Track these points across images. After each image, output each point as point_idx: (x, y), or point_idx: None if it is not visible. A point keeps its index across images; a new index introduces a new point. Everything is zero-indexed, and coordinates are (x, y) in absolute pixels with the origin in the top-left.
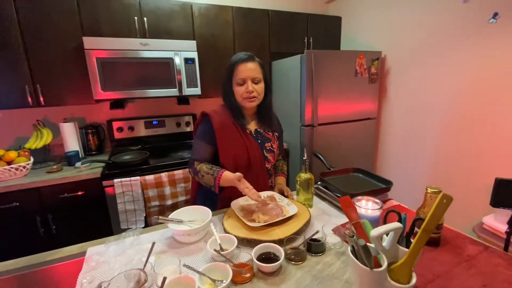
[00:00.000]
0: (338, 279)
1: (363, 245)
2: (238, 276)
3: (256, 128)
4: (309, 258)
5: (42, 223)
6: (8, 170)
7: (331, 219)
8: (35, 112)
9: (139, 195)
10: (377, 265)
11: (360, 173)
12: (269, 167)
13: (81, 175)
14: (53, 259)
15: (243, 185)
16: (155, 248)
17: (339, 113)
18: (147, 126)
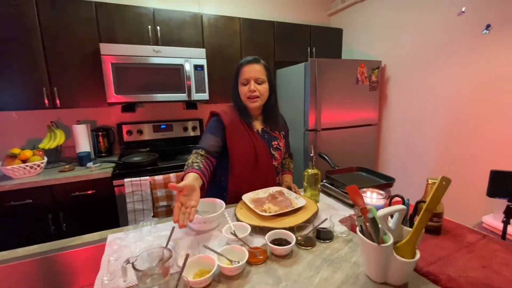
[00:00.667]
0: (347, 261)
1: (371, 217)
2: (253, 257)
3: (262, 127)
4: (318, 244)
5: (53, 220)
6: (23, 168)
7: (338, 212)
8: (49, 113)
9: (148, 195)
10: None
11: (364, 172)
12: (276, 165)
13: (92, 174)
14: (74, 244)
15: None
16: (173, 235)
17: (342, 119)
18: (156, 129)
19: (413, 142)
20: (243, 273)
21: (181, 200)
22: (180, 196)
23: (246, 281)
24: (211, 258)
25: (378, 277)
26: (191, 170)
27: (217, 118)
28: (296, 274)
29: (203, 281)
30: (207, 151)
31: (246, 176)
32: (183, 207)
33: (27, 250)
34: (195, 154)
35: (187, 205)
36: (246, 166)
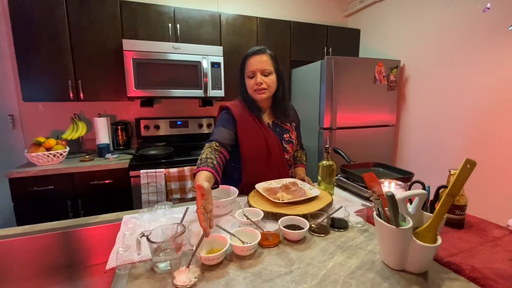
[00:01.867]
0: (362, 249)
1: (390, 195)
2: (265, 240)
3: (273, 120)
4: (332, 232)
5: (72, 207)
6: (47, 155)
7: (353, 205)
8: (72, 106)
9: (163, 187)
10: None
11: (381, 167)
12: (289, 158)
13: (110, 164)
14: (92, 222)
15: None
16: (185, 219)
17: (358, 118)
18: (172, 125)
19: (433, 145)
20: (255, 254)
21: (203, 205)
22: (201, 201)
23: (258, 261)
24: (223, 237)
25: (396, 264)
26: (205, 168)
27: (228, 111)
28: (309, 257)
29: (215, 257)
30: (221, 143)
31: (258, 170)
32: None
33: (48, 225)
34: (208, 148)
35: (207, 210)
36: (258, 160)
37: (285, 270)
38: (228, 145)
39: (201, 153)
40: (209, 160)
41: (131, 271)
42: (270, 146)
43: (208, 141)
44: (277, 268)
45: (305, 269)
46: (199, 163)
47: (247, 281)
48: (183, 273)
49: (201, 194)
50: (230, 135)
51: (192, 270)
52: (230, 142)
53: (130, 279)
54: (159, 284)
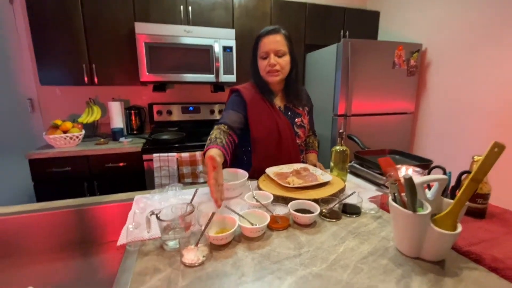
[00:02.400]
0: (375, 235)
1: (408, 178)
2: (274, 223)
3: (285, 104)
4: (344, 218)
5: (88, 188)
6: (64, 138)
7: (366, 191)
8: (88, 90)
9: (175, 171)
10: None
11: (397, 154)
12: (300, 143)
13: (124, 148)
14: (105, 200)
15: (211, 174)
16: (195, 200)
17: (374, 105)
18: (184, 111)
19: (453, 133)
20: (263, 236)
21: (214, 177)
22: (213, 173)
23: (267, 243)
24: (232, 218)
25: (411, 251)
26: (215, 146)
27: (238, 94)
28: (319, 242)
29: (223, 237)
30: (230, 126)
31: (268, 155)
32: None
33: (64, 202)
34: (217, 129)
35: (219, 182)
36: (268, 144)
37: (294, 253)
38: (237, 128)
39: (210, 133)
40: (218, 140)
41: (141, 248)
42: (281, 130)
43: (217, 123)
44: (285, 251)
45: (315, 252)
46: (208, 143)
47: (255, 261)
48: (192, 251)
49: (213, 166)
50: (239, 118)
51: (200, 249)
52: (240, 125)
53: (140, 255)
54: (167, 262)
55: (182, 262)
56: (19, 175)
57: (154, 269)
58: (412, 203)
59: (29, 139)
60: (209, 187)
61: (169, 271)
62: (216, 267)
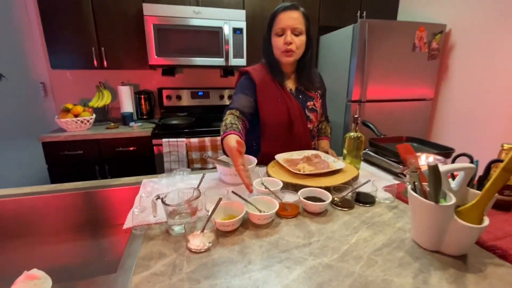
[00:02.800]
0: (390, 226)
1: (434, 165)
2: (283, 210)
3: (296, 87)
4: (357, 207)
5: (100, 172)
6: (75, 122)
7: (381, 180)
8: (97, 74)
9: (184, 156)
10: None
11: (415, 142)
12: (312, 128)
13: (134, 132)
14: (113, 184)
15: (239, 160)
16: (203, 185)
17: (391, 91)
18: (193, 96)
19: (477, 122)
20: (272, 224)
21: (242, 162)
22: (240, 158)
23: (275, 231)
24: (240, 204)
25: (430, 244)
26: (233, 132)
27: (247, 76)
28: (330, 231)
29: (230, 223)
30: (241, 111)
31: (278, 140)
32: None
33: (73, 184)
34: (231, 114)
35: (246, 168)
36: (278, 129)
37: (303, 242)
38: (248, 113)
39: (224, 119)
40: (234, 126)
41: (146, 232)
42: (292, 113)
43: (229, 108)
44: (295, 239)
45: (326, 242)
46: (224, 128)
47: (263, 249)
48: (197, 237)
49: (239, 151)
50: (250, 103)
51: (206, 235)
52: (250, 110)
53: (145, 239)
54: (173, 246)
55: (188, 248)
56: (34, 158)
57: (159, 254)
58: (435, 193)
59: (42, 123)
60: (237, 173)
61: (174, 257)
62: (222, 254)
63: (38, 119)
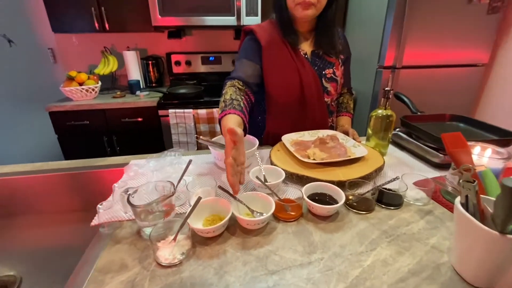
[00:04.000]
0: (421, 242)
1: (508, 185)
2: (281, 211)
3: (313, 50)
4: (378, 210)
5: (108, 143)
6: (80, 90)
7: (413, 172)
8: (103, 38)
9: (192, 129)
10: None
11: (461, 122)
12: (329, 102)
13: (139, 102)
14: (100, 165)
15: (229, 152)
16: (194, 170)
17: (434, 55)
18: (204, 62)
19: None
20: (265, 229)
21: (233, 155)
22: (232, 150)
23: (268, 240)
24: (227, 203)
25: (480, 280)
26: (233, 111)
27: (252, 37)
28: (339, 244)
29: (210, 230)
30: (245, 82)
31: (287, 116)
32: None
33: (57, 164)
34: (231, 87)
35: (239, 162)
36: (287, 103)
37: (301, 260)
38: (254, 84)
39: (223, 93)
40: (235, 102)
41: (115, 232)
42: (305, 83)
43: (230, 78)
44: (290, 255)
45: (331, 262)
46: (222, 105)
47: (247, 269)
48: (168, 246)
49: (233, 141)
50: (255, 71)
51: (179, 243)
52: (256, 79)
53: (111, 242)
54: (139, 255)
55: (155, 258)
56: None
57: (121, 265)
58: (504, 220)
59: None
60: (226, 167)
61: (136, 270)
62: (195, 271)
63: (47, 87)
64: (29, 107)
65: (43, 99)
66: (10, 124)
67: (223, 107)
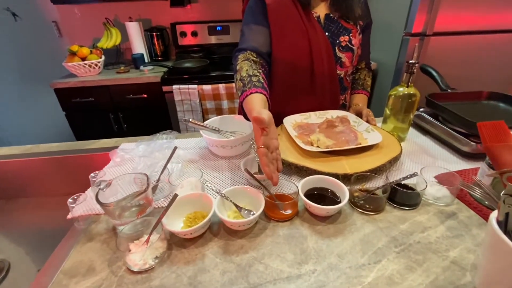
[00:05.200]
0: (438, 254)
1: None
2: (274, 210)
3: (328, 13)
4: (388, 210)
5: (114, 120)
6: (83, 66)
7: (435, 163)
8: (105, 8)
9: (197, 106)
10: None
11: (500, 101)
12: (343, 75)
13: (143, 77)
14: (89, 148)
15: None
16: (185, 155)
17: (471, 18)
18: (211, 32)
19: None
20: (253, 230)
21: (264, 142)
22: (262, 137)
23: (254, 244)
24: (210, 199)
25: None
26: (254, 90)
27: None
28: (337, 254)
29: (187, 232)
30: (259, 53)
31: (292, 90)
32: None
33: (46, 147)
34: (245, 61)
35: (272, 148)
36: (293, 72)
37: (289, 272)
38: (268, 54)
39: (237, 69)
40: (254, 79)
41: (89, 228)
42: (315, 50)
43: (241, 50)
44: (278, 264)
45: (324, 276)
46: (240, 85)
47: (225, 279)
48: (139, 250)
49: (261, 128)
50: (267, 37)
51: (153, 246)
52: (269, 48)
53: (83, 239)
54: (110, 257)
55: (125, 262)
56: (54, 105)
57: (88, 268)
58: None
59: (59, 66)
60: (259, 157)
61: (104, 275)
62: (166, 280)
63: (53, 62)
64: (38, 84)
65: (50, 75)
66: (19, 102)
67: (241, 87)
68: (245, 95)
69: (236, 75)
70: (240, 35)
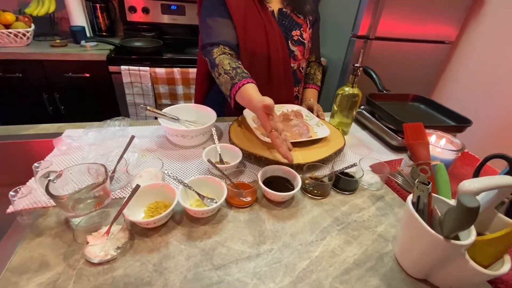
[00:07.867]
0: (369, 230)
1: (474, 207)
2: (235, 198)
3: (281, 8)
4: (333, 195)
5: (49, 101)
6: (7, 35)
7: (371, 154)
8: None
9: (149, 90)
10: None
11: (423, 104)
12: (296, 68)
13: (85, 54)
14: (27, 134)
15: (268, 124)
16: (142, 144)
17: (407, 26)
18: (164, 11)
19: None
20: (215, 217)
21: (273, 126)
22: (269, 122)
23: (217, 229)
24: (173, 189)
25: (418, 272)
26: (245, 81)
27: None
28: (290, 234)
29: (150, 222)
30: (231, 46)
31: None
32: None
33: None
34: (223, 54)
35: (280, 130)
36: (256, 65)
37: (249, 252)
38: (237, 46)
39: (217, 63)
40: (239, 70)
41: (37, 222)
42: (271, 43)
43: (213, 44)
44: (239, 246)
45: (280, 253)
46: (227, 78)
47: (190, 263)
48: (99, 241)
49: (266, 114)
50: (233, 30)
51: (115, 237)
52: (237, 40)
53: (31, 234)
54: (64, 251)
55: (83, 254)
56: None
57: (41, 263)
58: (452, 230)
59: None
60: (272, 141)
61: (60, 270)
62: (130, 269)
63: None
64: None
65: None
66: None
67: (229, 80)
68: (237, 87)
69: (217, 69)
70: (203, 26)
